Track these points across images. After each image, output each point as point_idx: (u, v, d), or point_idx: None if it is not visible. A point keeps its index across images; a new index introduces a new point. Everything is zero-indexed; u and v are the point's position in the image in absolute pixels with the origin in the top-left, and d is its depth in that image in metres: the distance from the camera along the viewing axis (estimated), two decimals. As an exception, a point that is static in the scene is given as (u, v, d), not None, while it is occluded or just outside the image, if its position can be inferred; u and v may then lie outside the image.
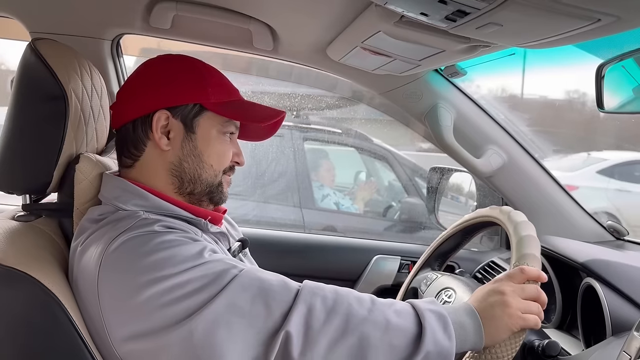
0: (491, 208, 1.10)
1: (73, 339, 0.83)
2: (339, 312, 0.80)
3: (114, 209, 0.91)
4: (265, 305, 0.79)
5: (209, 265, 0.82)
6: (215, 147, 0.97)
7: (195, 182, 0.96)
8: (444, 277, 1.22)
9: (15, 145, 0.94)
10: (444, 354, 0.80)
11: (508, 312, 0.84)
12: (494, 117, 1.52)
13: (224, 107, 0.96)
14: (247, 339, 0.77)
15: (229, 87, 1.01)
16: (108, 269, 0.82)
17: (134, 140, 0.96)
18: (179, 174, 0.96)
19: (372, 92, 1.59)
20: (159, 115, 0.93)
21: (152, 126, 0.93)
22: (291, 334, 0.77)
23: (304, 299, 0.80)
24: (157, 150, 0.95)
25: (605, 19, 0.69)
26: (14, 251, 0.86)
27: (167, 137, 0.94)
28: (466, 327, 0.83)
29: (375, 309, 0.82)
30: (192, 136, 0.95)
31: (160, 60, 0.99)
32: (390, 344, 0.79)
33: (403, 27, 0.95)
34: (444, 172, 1.83)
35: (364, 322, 0.80)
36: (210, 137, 0.96)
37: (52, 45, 0.96)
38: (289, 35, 1.37)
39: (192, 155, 0.95)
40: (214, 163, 0.97)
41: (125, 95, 0.98)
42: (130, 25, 1.42)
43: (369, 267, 1.72)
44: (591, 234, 1.49)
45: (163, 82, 0.95)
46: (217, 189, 0.99)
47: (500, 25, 0.76)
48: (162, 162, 0.95)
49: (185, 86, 0.95)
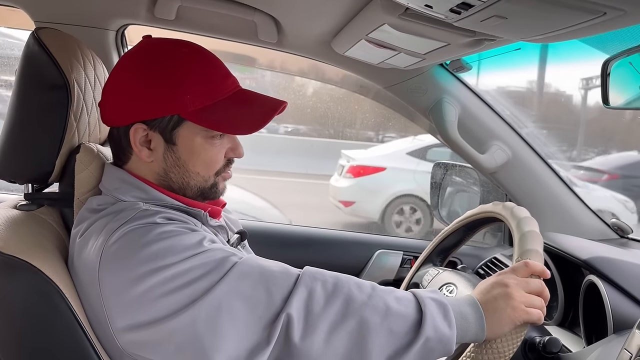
0: (494, 204, 1.09)
1: (73, 328, 0.83)
2: (339, 297, 0.80)
3: (113, 200, 0.91)
4: (266, 291, 0.79)
5: (209, 253, 0.82)
6: (201, 156, 0.91)
7: (185, 189, 0.94)
8: (445, 272, 1.22)
9: (18, 134, 0.94)
10: (444, 341, 0.80)
11: (512, 305, 0.83)
12: (499, 112, 1.51)
13: (204, 115, 0.89)
14: (249, 324, 0.78)
15: (213, 84, 0.91)
16: (109, 261, 0.82)
17: (118, 148, 0.94)
18: (166, 183, 0.93)
19: (376, 86, 1.58)
20: (136, 127, 0.89)
21: (130, 139, 0.90)
22: (292, 317, 0.77)
23: (305, 283, 0.80)
24: (141, 161, 0.92)
25: (611, 12, 0.68)
26: (16, 240, 0.86)
27: (148, 148, 0.91)
28: (468, 318, 0.83)
29: (375, 294, 0.82)
30: (173, 147, 0.91)
31: (133, 63, 0.92)
32: (390, 329, 0.79)
33: (408, 19, 0.94)
34: (448, 167, 1.82)
35: (364, 307, 0.80)
36: (193, 147, 0.91)
37: (55, 34, 0.96)
38: (293, 27, 1.36)
39: (177, 165, 0.92)
40: (201, 171, 0.93)
41: (103, 101, 0.94)
42: (135, 16, 1.42)
43: (371, 261, 1.72)
44: (595, 232, 1.48)
45: (136, 95, 0.89)
46: (210, 190, 0.96)
47: (505, 18, 0.76)
48: (148, 171, 0.93)
49: (160, 98, 0.88)
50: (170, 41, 0.94)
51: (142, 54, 0.92)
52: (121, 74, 0.92)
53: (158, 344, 0.80)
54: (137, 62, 0.91)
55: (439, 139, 1.55)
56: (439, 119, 1.48)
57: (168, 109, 0.88)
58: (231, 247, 1.00)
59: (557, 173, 1.51)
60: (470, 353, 0.87)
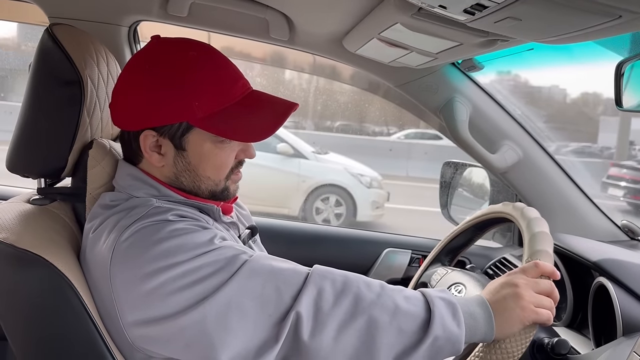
0: (504, 204, 1.09)
1: (85, 322, 0.84)
2: (348, 295, 0.81)
3: (126, 196, 0.92)
4: (276, 289, 0.80)
5: (220, 251, 0.82)
6: (211, 160, 0.92)
7: (197, 191, 0.94)
8: (454, 272, 1.22)
9: (31, 130, 0.95)
10: (453, 340, 0.80)
11: (521, 305, 0.83)
12: (510, 112, 1.50)
13: (213, 121, 0.88)
14: (258, 322, 0.78)
15: (222, 90, 0.90)
16: (121, 257, 0.83)
17: (129, 150, 0.95)
18: (177, 186, 0.94)
19: (387, 84, 1.58)
20: (145, 134, 0.90)
21: (140, 145, 0.91)
22: (301, 315, 0.78)
23: (314, 282, 0.81)
24: (152, 165, 0.93)
25: (626, 15, 0.67)
26: (29, 234, 0.87)
27: (159, 153, 0.92)
28: (477, 317, 0.83)
29: (384, 293, 0.82)
30: (183, 153, 0.91)
31: (142, 67, 0.91)
32: (399, 328, 0.80)
33: (421, 19, 0.94)
34: (458, 166, 1.81)
35: (373, 306, 0.80)
36: (202, 152, 0.91)
37: (69, 30, 0.97)
38: (305, 25, 1.36)
39: (187, 170, 0.93)
40: (212, 175, 0.93)
41: (113, 103, 0.94)
42: (147, 12, 1.42)
43: (379, 260, 1.72)
44: (605, 233, 1.47)
45: (144, 101, 0.89)
46: (222, 193, 0.96)
47: (519, 20, 0.75)
48: (159, 174, 0.94)
49: (168, 106, 0.88)
50: (179, 43, 0.93)
51: (151, 57, 0.92)
52: (130, 76, 0.92)
53: (167, 340, 0.81)
54: (145, 66, 0.91)
55: (450, 138, 1.55)
56: (449, 118, 1.48)
57: (176, 117, 0.88)
58: (242, 243, 1.01)
59: (567, 173, 1.50)
60: (479, 352, 0.87)
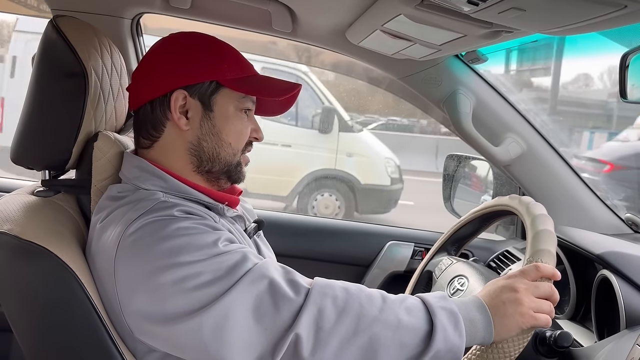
0: (511, 197, 1.09)
1: (89, 313, 0.85)
2: (350, 313, 0.80)
3: (134, 188, 0.93)
4: (274, 304, 0.79)
5: (222, 257, 0.82)
6: (234, 125, 0.97)
7: (214, 161, 0.97)
8: (459, 263, 1.22)
9: (36, 121, 0.95)
10: (454, 351, 0.80)
11: (520, 311, 0.83)
12: (514, 104, 1.50)
13: (240, 83, 0.96)
14: (253, 334, 0.78)
15: (244, 62, 1.00)
16: (125, 251, 0.83)
17: (152, 122, 0.96)
18: (197, 153, 0.96)
19: (390, 76, 1.58)
20: (176, 95, 0.93)
21: (171, 106, 0.94)
22: (301, 336, 0.78)
23: (314, 300, 0.80)
24: (177, 130, 0.95)
25: (632, 5, 0.67)
26: (33, 225, 0.88)
27: (185, 117, 0.94)
28: (476, 323, 0.83)
29: (387, 307, 0.82)
30: (210, 114, 0.95)
31: (173, 39, 0.99)
32: (401, 342, 0.80)
33: (424, 10, 0.93)
34: (461, 159, 1.81)
35: (375, 322, 0.80)
36: (228, 115, 0.96)
37: (73, 22, 0.97)
38: (308, 17, 1.36)
39: (211, 133, 0.96)
40: (233, 141, 0.97)
41: (141, 75, 0.98)
42: (150, 4, 1.42)
43: (382, 252, 1.72)
44: (609, 226, 1.47)
45: (178, 61, 0.95)
46: (236, 168, 1.00)
47: (523, 11, 0.75)
48: (181, 141, 0.96)
49: (201, 64, 0.95)
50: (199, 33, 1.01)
51: (176, 37, 0.99)
52: (158, 55, 0.98)
53: (164, 339, 0.82)
54: (174, 43, 0.98)
55: (453, 131, 1.54)
56: (453, 111, 1.47)
57: (208, 75, 0.94)
58: (248, 236, 1.02)
59: (571, 166, 1.50)
60: (476, 351, 0.87)
